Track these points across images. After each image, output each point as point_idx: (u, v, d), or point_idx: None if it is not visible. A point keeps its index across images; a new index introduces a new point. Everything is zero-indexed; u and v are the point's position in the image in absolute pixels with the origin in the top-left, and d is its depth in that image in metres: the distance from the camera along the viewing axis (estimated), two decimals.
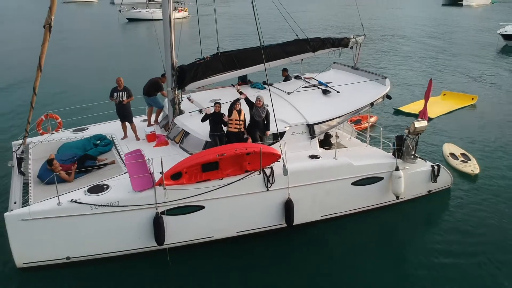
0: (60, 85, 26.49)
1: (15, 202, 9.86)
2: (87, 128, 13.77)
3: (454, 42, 47.13)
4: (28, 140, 12.62)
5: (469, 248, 10.83)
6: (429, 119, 20.46)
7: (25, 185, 10.75)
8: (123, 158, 11.38)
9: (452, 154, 16.19)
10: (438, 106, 22.97)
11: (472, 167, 15.19)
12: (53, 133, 13.43)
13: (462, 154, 16.17)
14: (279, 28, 17.33)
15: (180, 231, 10.28)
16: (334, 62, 15.86)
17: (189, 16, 74.93)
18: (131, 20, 68.15)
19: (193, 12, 75.41)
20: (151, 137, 12.38)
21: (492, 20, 60.48)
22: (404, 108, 22.50)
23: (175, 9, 71.48)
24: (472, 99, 24.24)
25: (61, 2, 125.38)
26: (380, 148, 13.13)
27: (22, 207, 9.57)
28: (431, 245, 11.04)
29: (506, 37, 43.02)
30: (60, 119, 13.88)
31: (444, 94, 25.17)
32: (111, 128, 13.62)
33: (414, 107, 22.19)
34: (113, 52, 40.86)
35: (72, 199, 9.50)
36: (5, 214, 9.34)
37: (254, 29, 12.42)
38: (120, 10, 67.95)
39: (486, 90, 26.78)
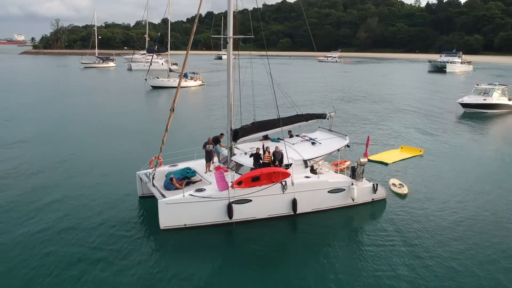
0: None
1: (160, 196, 19.92)
2: (177, 165, 23.93)
3: (423, 107, 58.62)
4: (145, 171, 22.81)
5: (395, 237, 19.52)
6: (386, 163, 30.90)
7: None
8: (206, 178, 21.61)
9: (393, 184, 26.14)
10: (396, 156, 33.25)
11: (403, 190, 25.18)
12: (158, 167, 23.50)
13: (400, 184, 26.10)
14: (285, 103, 27.62)
15: (240, 213, 20.13)
16: (319, 127, 26.55)
17: (203, 84, 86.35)
18: (154, 87, 79.67)
19: (206, 80, 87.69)
20: (218, 168, 22.57)
21: (469, 86, 69.63)
22: (372, 157, 32.57)
23: (191, 78, 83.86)
24: (420, 151, 34.54)
25: (81, 68, 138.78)
26: (344, 174, 23.42)
27: (163, 198, 19.65)
28: (373, 231, 20.21)
29: (464, 105, 54.09)
30: (161, 159, 23.99)
31: (402, 148, 35.44)
32: (190, 164, 23.82)
33: (381, 156, 32.49)
34: (150, 112, 52.17)
35: (190, 194, 19.58)
36: (159, 200, 19.29)
37: (265, 101, 22.94)
38: (146, 79, 79.82)
39: (433, 145, 37.04)
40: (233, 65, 22.73)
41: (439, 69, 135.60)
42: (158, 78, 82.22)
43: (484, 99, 53.57)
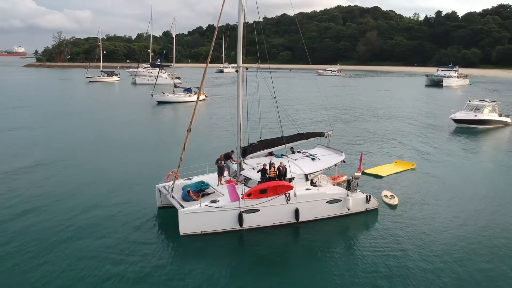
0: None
1: (179, 207, 22.73)
2: (192, 178, 26.78)
3: (418, 122, 61.55)
4: (164, 184, 25.68)
5: (385, 242, 22.36)
6: (380, 176, 33.70)
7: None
8: (218, 190, 24.47)
9: (385, 195, 28.93)
10: (390, 169, 36.07)
11: (394, 201, 27.98)
12: (175, 180, 26.31)
13: (391, 195, 28.90)
14: (287, 123, 30.48)
15: (249, 221, 22.91)
16: (318, 144, 29.52)
17: (207, 98, 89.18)
18: (160, 102, 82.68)
19: (209, 94, 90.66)
20: (229, 181, 25.43)
21: (464, 100, 69.93)
22: (368, 171, 35.41)
23: (195, 93, 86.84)
24: (413, 165, 37.41)
25: (86, 82, 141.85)
26: (341, 187, 26.30)
27: (183, 208, 22.47)
28: (365, 238, 23.22)
29: (456, 121, 56.98)
30: (178, 173, 26.78)
31: (396, 162, 38.31)
32: (204, 177, 26.64)
33: (376, 170, 35.29)
34: (160, 128, 55.16)
35: (206, 204, 22.42)
36: (179, 210, 22.11)
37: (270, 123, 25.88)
38: (152, 95, 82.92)
39: (425, 159, 39.89)
40: (242, 83, 25.65)
41: (436, 83, 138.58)
42: (163, 93, 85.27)
43: (475, 115, 56.46)
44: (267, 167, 24.31)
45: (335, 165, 26.81)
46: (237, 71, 25.32)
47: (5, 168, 34.20)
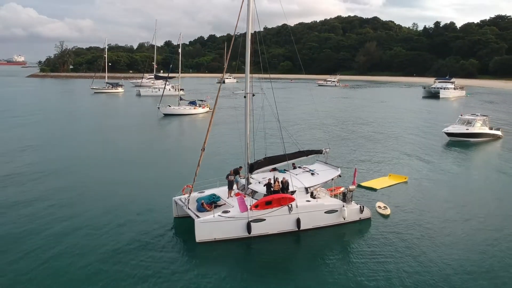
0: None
1: (195, 217, 25.85)
2: (204, 191, 29.88)
3: (413, 135, 64.55)
4: (179, 196, 28.80)
5: (376, 248, 25.45)
6: (375, 189, 36.76)
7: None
8: (229, 202, 27.62)
9: (379, 206, 31.97)
10: (384, 182, 39.05)
11: (386, 211, 31.03)
12: (190, 193, 29.37)
13: (384, 206, 31.97)
14: (289, 141, 33.18)
15: (257, 229, 25.96)
16: (317, 160, 32.72)
17: (211, 111, 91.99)
18: (166, 115, 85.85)
19: (212, 106, 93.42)
20: (238, 194, 28.56)
21: (460, 111, 74.42)
22: (363, 184, 38.38)
23: (199, 105, 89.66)
24: (405, 178, 40.44)
25: (92, 93, 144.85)
26: (337, 199, 29.47)
27: (199, 218, 25.60)
28: (359, 244, 26.24)
29: (449, 134, 60.07)
30: (192, 187, 29.82)
31: (390, 175, 41.33)
32: (215, 190, 29.74)
33: (371, 183, 38.26)
34: (169, 141, 58.31)
35: (218, 214, 25.55)
36: (195, 220, 25.23)
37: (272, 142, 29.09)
38: (159, 108, 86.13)
39: (418, 172, 42.74)
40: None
41: (433, 95, 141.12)
42: (169, 106, 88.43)
43: (467, 129, 59.55)
44: (272, 181, 27.47)
45: (332, 179, 30.03)
46: (245, 96, 28.47)
47: (29, 187, 37.08)
